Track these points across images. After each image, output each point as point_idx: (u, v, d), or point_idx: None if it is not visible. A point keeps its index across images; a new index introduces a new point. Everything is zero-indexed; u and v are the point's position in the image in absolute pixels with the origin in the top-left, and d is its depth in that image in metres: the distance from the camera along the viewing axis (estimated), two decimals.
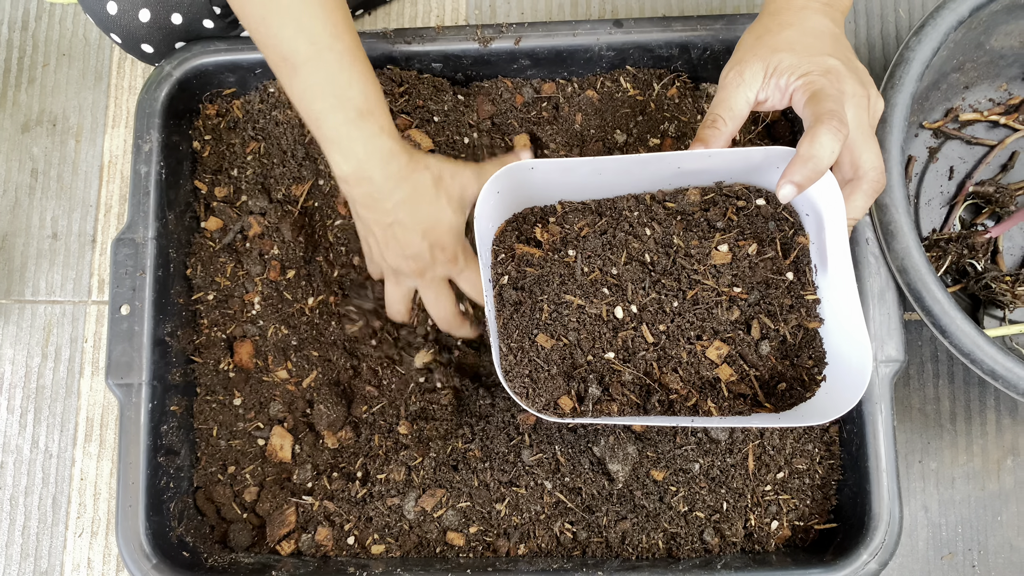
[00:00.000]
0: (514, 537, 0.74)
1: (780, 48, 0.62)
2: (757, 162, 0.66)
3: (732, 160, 0.65)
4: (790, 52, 0.62)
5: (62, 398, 0.92)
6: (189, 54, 0.81)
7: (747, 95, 0.63)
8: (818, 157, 0.57)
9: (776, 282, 0.69)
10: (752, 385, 0.67)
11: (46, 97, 1.00)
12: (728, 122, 0.63)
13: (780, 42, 0.63)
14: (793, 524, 0.74)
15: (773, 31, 0.64)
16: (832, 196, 0.63)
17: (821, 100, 0.58)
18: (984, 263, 0.83)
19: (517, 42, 0.81)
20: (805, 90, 0.60)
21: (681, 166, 0.66)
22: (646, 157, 0.65)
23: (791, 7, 0.65)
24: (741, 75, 0.63)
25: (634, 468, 0.73)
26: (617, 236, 0.69)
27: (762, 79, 0.63)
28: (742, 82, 0.63)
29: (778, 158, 0.64)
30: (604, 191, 0.71)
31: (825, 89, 0.59)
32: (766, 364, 0.67)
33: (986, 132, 0.90)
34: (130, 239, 0.77)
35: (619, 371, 0.66)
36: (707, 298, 0.67)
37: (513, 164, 0.64)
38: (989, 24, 0.81)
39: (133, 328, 0.75)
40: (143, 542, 0.72)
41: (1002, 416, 0.86)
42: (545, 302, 0.67)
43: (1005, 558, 0.83)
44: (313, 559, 0.74)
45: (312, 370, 0.80)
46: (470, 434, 0.76)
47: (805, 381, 0.67)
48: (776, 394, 0.67)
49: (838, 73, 0.61)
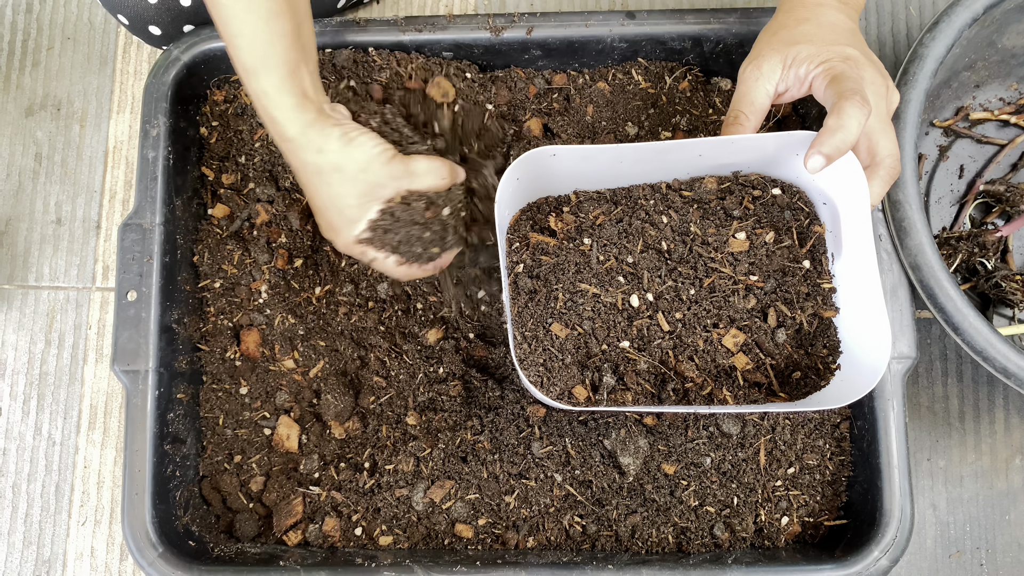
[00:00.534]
0: (523, 530, 0.74)
1: (798, 40, 0.63)
2: (775, 148, 0.66)
3: (750, 147, 0.66)
4: (808, 43, 0.63)
5: (65, 385, 0.91)
6: (198, 38, 0.80)
7: (767, 88, 0.64)
8: (847, 127, 0.57)
9: (792, 270, 0.68)
10: (768, 374, 0.67)
11: (50, 81, 0.99)
12: (750, 116, 0.64)
13: (798, 35, 0.64)
14: (803, 520, 0.74)
15: (789, 26, 0.65)
16: (856, 178, 0.64)
17: (843, 81, 0.59)
18: (994, 262, 0.83)
19: (529, 32, 0.81)
20: (826, 75, 0.61)
21: (702, 153, 0.66)
22: (667, 144, 0.65)
23: (806, 3, 0.66)
24: (759, 68, 0.64)
25: (645, 461, 0.73)
26: (633, 224, 0.69)
27: (780, 71, 0.63)
28: (760, 75, 0.64)
29: (797, 144, 0.65)
30: (620, 180, 0.71)
31: (846, 72, 0.60)
32: (782, 352, 0.67)
33: (996, 131, 0.89)
34: (137, 224, 0.76)
35: (634, 360, 0.66)
36: (724, 286, 0.67)
37: (535, 151, 0.64)
38: (1002, 22, 0.80)
39: (140, 314, 0.75)
40: (149, 530, 0.71)
41: (1011, 415, 0.86)
42: (560, 291, 0.67)
43: (1013, 557, 0.83)
44: (320, 549, 0.74)
45: (319, 360, 0.80)
46: (479, 426, 0.75)
47: (820, 370, 0.67)
48: (791, 383, 0.67)
49: (857, 61, 0.62)
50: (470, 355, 0.80)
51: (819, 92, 0.63)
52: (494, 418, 0.75)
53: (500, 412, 0.76)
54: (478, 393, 0.78)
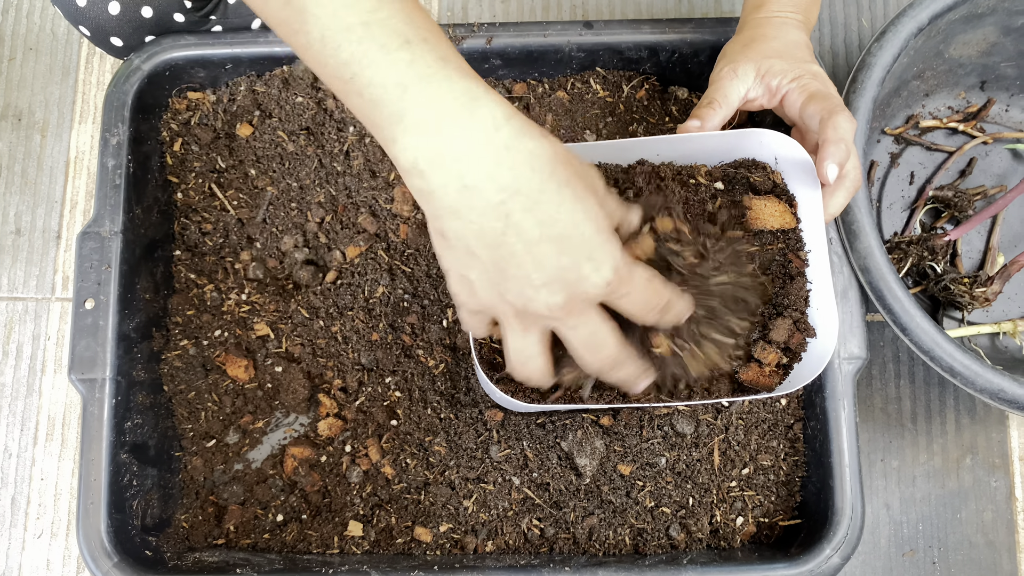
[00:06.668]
0: (482, 534, 0.74)
1: (770, 55, 0.68)
2: (731, 148, 0.68)
3: (708, 145, 0.67)
4: (780, 59, 0.68)
5: (23, 396, 0.90)
6: (159, 48, 0.81)
7: (740, 89, 0.68)
8: (847, 139, 0.62)
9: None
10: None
11: (11, 91, 0.98)
12: (722, 105, 0.67)
13: (768, 50, 0.69)
14: (758, 520, 0.75)
15: (759, 40, 0.70)
16: (810, 175, 0.67)
17: (825, 97, 0.65)
18: (943, 265, 0.85)
19: (489, 42, 0.82)
20: (801, 92, 0.66)
21: (660, 152, 0.68)
22: (625, 142, 0.66)
23: (772, 22, 0.71)
24: (735, 72, 0.68)
25: (601, 463, 0.73)
26: None
27: (753, 78, 0.68)
28: (736, 77, 0.68)
29: (754, 142, 0.67)
30: None
31: (822, 91, 0.66)
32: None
33: (945, 139, 0.92)
34: (96, 233, 0.76)
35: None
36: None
37: None
38: (948, 33, 0.83)
39: (98, 323, 0.74)
40: (104, 540, 0.70)
41: (961, 415, 0.88)
42: None
43: (964, 555, 0.85)
44: (278, 556, 0.74)
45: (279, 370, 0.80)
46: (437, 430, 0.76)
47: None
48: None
49: (824, 79, 0.67)
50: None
51: (793, 107, 0.67)
52: (452, 422, 0.76)
53: (458, 416, 0.76)
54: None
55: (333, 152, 0.83)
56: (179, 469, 0.78)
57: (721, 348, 0.59)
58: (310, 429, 0.79)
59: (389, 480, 0.75)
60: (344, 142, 0.83)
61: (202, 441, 0.78)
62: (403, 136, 0.43)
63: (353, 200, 0.82)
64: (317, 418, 0.79)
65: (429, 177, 0.43)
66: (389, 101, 0.43)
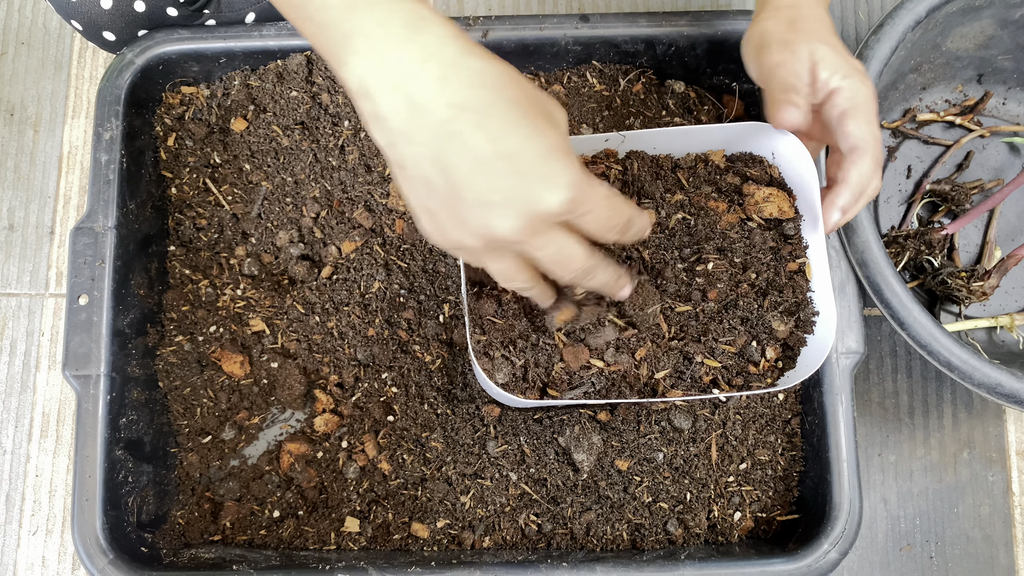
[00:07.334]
0: (479, 530, 0.74)
1: (820, 38, 0.62)
2: (727, 141, 0.68)
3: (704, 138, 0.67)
4: (829, 47, 0.61)
5: (17, 393, 0.90)
6: (152, 42, 0.80)
7: (803, 70, 0.61)
8: (868, 191, 0.61)
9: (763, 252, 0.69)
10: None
11: (4, 86, 0.98)
12: (803, 88, 0.61)
13: (817, 32, 0.62)
14: (756, 515, 0.75)
15: (802, 21, 0.63)
16: (808, 172, 0.66)
17: (867, 123, 0.60)
18: (940, 259, 0.85)
19: (485, 35, 0.81)
20: (848, 99, 0.60)
21: (656, 146, 0.67)
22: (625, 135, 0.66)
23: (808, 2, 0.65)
24: (794, 54, 0.61)
25: (599, 458, 0.73)
26: None
27: (807, 64, 0.61)
28: (797, 60, 0.61)
29: (752, 135, 0.66)
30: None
31: (864, 105, 0.60)
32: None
33: (942, 132, 0.92)
34: (89, 228, 0.76)
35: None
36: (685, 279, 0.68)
37: None
38: (945, 26, 0.83)
39: (92, 318, 0.74)
40: (99, 537, 0.70)
41: (958, 410, 0.88)
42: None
43: (962, 549, 0.85)
44: (275, 553, 0.73)
45: (275, 365, 0.79)
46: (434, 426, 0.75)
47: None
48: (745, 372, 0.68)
49: (863, 75, 0.62)
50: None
51: (835, 109, 0.61)
52: (449, 418, 0.75)
53: (455, 412, 0.76)
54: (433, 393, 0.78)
55: (328, 147, 0.82)
56: (175, 465, 0.78)
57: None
58: (306, 425, 0.78)
59: (386, 476, 0.75)
60: (339, 136, 0.82)
61: (198, 437, 0.78)
62: (351, 58, 0.43)
63: (348, 195, 0.81)
64: (313, 414, 0.78)
65: (377, 98, 0.43)
66: (337, 22, 0.43)
